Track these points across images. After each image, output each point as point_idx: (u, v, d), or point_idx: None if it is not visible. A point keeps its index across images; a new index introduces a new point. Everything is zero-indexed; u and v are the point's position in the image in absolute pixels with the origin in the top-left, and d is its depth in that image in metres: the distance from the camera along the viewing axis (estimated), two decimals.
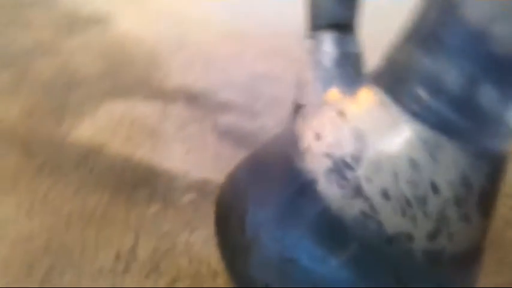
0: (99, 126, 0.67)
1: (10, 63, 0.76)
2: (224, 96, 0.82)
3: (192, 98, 0.80)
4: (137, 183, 0.60)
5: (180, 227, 0.56)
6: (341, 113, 0.42)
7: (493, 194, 0.39)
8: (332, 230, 0.39)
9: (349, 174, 0.39)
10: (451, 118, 0.35)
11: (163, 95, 0.79)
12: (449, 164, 0.36)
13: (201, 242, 0.55)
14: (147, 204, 0.57)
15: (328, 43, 0.51)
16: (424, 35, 0.36)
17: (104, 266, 0.49)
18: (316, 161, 0.41)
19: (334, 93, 0.49)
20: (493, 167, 0.38)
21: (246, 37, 1.04)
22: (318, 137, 0.43)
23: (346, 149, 0.39)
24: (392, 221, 0.37)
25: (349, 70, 0.50)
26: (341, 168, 0.39)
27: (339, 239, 0.39)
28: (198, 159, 0.67)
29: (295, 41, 1.03)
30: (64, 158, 0.60)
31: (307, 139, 0.44)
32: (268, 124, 0.78)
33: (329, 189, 0.39)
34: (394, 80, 0.39)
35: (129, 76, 0.82)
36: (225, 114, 0.78)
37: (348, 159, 0.39)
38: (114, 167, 0.61)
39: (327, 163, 0.40)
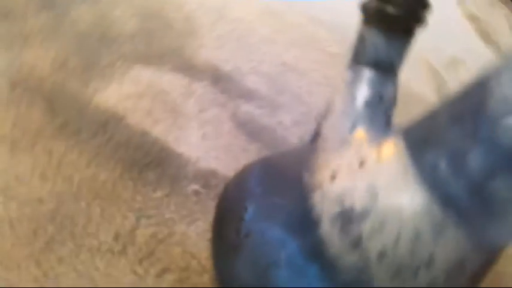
0: (124, 94, 0.68)
1: (51, 3, 0.75)
2: (249, 84, 0.82)
3: (218, 79, 0.79)
4: (149, 163, 0.61)
5: (180, 217, 0.58)
6: (361, 162, 0.43)
7: (484, 275, 0.40)
8: (322, 258, 0.41)
9: (353, 226, 0.40)
10: (463, 199, 0.35)
11: (192, 69, 0.79)
12: (450, 246, 0.37)
13: (196, 235, 0.57)
14: (154, 188, 0.59)
15: (365, 81, 0.50)
16: (462, 110, 0.36)
17: (102, 244, 0.51)
18: (325, 202, 0.43)
19: (360, 134, 0.49)
20: (491, 256, 0.39)
21: (283, 19, 1.02)
22: (333, 177, 0.44)
23: (356, 201, 0.40)
24: (382, 280, 0.39)
25: (380, 115, 0.50)
26: (347, 218, 0.40)
27: (327, 267, 0.41)
28: (210, 147, 0.68)
29: (333, 33, 1.01)
30: (84, 123, 0.61)
31: (322, 175, 0.44)
32: (286, 121, 0.78)
33: (330, 233, 0.41)
34: (420, 143, 0.39)
35: (162, 42, 0.81)
36: (246, 103, 0.78)
37: (356, 212, 0.40)
38: (130, 142, 0.62)
39: (335, 208, 0.41)
